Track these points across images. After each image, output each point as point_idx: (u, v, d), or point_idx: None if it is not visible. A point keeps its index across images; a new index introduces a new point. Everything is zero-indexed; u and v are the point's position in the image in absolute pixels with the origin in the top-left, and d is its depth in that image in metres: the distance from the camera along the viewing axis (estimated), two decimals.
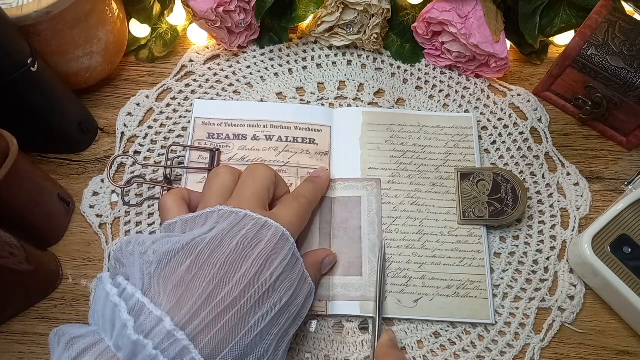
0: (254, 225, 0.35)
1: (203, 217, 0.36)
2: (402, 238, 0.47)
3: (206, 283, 0.31)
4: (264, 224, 0.35)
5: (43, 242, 0.46)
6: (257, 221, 0.35)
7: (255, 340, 0.32)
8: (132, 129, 0.52)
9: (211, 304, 0.31)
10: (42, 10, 0.41)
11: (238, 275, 0.32)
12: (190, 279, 0.32)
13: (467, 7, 0.51)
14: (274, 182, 0.41)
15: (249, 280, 0.33)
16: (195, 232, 0.35)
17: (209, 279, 0.32)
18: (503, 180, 0.48)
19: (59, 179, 0.49)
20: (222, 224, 0.35)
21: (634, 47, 0.47)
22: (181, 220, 0.37)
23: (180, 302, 0.31)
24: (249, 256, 0.33)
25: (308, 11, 0.52)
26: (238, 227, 0.35)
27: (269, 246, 0.34)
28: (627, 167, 0.52)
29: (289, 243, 0.36)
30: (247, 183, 0.39)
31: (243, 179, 0.40)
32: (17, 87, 0.41)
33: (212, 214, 0.36)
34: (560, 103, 0.54)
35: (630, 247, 0.43)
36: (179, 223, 0.37)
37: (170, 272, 0.32)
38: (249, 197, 0.38)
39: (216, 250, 0.33)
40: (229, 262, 0.33)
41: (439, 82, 0.56)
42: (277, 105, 0.53)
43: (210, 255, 0.33)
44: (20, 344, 0.43)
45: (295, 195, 0.42)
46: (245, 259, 0.33)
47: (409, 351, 0.43)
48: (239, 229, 0.34)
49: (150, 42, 0.55)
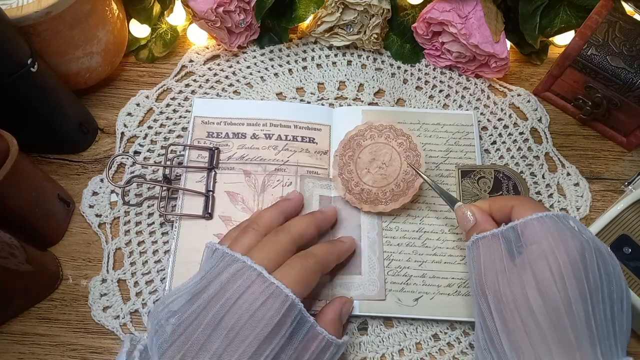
0: (262, 293, 0.34)
1: (225, 262, 0.36)
2: (402, 236, 0.46)
3: None
4: (273, 291, 0.34)
5: (43, 242, 0.46)
6: (266, 288, 0.34)
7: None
8: (132, 129, 0.52)
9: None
10: (42, 11, 0.41)
11: (240, 350, 0.33)
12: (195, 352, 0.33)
13: (467, 7, 0.51)
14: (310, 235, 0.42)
15: (253, 353, 0.33)
16: (205, 294, 0.35)
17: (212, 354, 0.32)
18: (504, 177, 0.48)
19: (59, 179, 0.49)
20: (233, 283, 0.34)
21: (634, 47, 0.47)
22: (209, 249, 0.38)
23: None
24: (253, 330, 0.33)
25: (308, 11, 0.52)
26: (247, 293, 0.34)
27: (275, 318, 0.34)
28: (627, 167, 0.52)
29: (295, 310, 0.35)
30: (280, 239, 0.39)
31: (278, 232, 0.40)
32: (17, 88, 0.41)
33: (229, 267, 0.36)
34: (560, 103, 0.54)
35: (630, 247, 0.43)
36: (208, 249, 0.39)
37: (179, 348, 0.33)
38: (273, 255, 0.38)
39: (220, 324, 0.33)
40: (231, 337, 0.33)
41: (439, 82, 0.56)
42: (277, 104, 0.53)
43: (214, 331, 0.33)
44: (20, 344, 0.43)
45: (305, 255, 0.39)
46: (250, 332, 0.33)
47: (407, 353, 0.43)
48: (247, 297, 0.34)
49: (150, 42, 0.55)
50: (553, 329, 0.32)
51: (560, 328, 0.32)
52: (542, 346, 0.33)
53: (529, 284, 0.34)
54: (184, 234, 0.45)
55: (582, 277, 0.33)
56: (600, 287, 0.33)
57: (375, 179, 0.46)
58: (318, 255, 0.40)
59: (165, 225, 0.47)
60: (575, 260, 0.33)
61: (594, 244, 0.35)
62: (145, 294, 0.44)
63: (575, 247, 0.34)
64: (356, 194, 0.46)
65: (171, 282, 0.43)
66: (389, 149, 0.47)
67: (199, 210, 0.46)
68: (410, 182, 0.45)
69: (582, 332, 0.32)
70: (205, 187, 0.47)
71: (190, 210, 0.46)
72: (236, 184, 0.48)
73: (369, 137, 0.48)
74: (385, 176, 0.46)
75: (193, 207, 0.46)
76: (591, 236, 0.35)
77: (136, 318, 0.44)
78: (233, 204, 0.47)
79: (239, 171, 0.48)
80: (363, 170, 0.47)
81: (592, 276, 0.33)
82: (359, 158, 0.47)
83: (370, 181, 0.46)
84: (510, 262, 0.35)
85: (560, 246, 0.34)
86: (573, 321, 0.32)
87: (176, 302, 0.35)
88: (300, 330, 0.35)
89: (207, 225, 0.46)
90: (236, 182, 0.48)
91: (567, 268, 0.33)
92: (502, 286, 0.35)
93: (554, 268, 0.33)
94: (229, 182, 0.48)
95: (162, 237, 0.47)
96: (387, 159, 0.46)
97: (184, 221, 0.46)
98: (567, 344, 0.32)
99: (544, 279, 0.33)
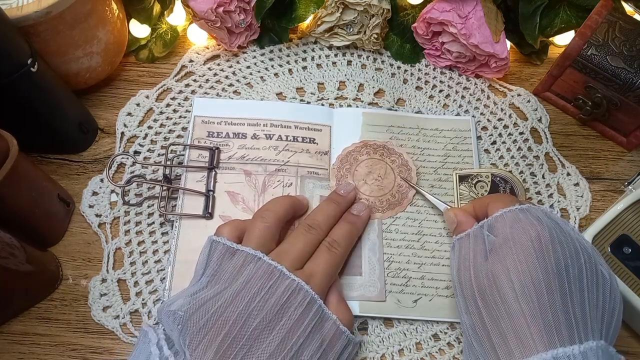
0: (285, 291, 0.36)
1: (241, 257, 0.38)
2: (401, 238, 0.47)
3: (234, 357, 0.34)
4: (295, 287, 0.37)
5: (43, 242, 0.46)
6: (289, 284, 0.36)
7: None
8: (132, 129, 0.52)
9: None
10: (42, 11, 0.41)
11: (263, 346, 0.34)
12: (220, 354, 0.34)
13: (467, 7, 0.51)
14: None
15: (273, 351, 0.34)
16: (228, 292, 0.36)
17: (234, 355, 0.34)
18: (501, 181, 0.48)
19: (59, 179, 0.49)
20: (253, 283, 0.36)
21: (634, 47, 0.47)
22: (223, 246, 0.39)
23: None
24: (274, 327, 0.35)
25: (308, 11, 0.52)
26: (270, 291, 0.36)
27: (295, 314, 0.36)
28: (627, 167, 0.52)
29: (315, 305, 0.37)
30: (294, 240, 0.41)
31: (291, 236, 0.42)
32: (17, 88, 0.41)
33: (248, 264, 0.38)
34: (560, 103, 0.54)
35: (630, 247, 0.43)
36: (220, 247, 0.39)
37: (201, 353, 0.33)
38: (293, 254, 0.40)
39: (245, 324, 0.34)
40: (254, 336, 0.34)
41: (439, 82, 0.56)
42: (277, 104, 0.53)
43: (241, 328, 0.34)
44: (20, 344, 0.43)
45: (332, 244, 0.42)
46: (271, 330, 0.35)
47: (407, 353, 0.43)
48: (270, 294, 0.36)
49: (150, 42, 0.55)
50: (521, 312, 0.33)
51: (528, 311, 0.33)
52: (516, 331, 0.33)
53: (496, 273, 0.35)
54: (184, 233, 0.45)
55: (541, 262, 0.34)
56: (565, 272, 0.34)
57: (372, 189, 0.48)
58: (343, 244, 0.42)
59: (165, 225, 0.47)
60: (532, 247, 0.34)
61: (556, 231, 0.36)
62: (145, 294, 0.44)
63: (534, 234, 0.35)
64: None
65: (171, 281, 0.43)
66: (383, 164, 0.49)
67: (199, 210, 0.46)
68: (404, 193, 0.48)
69: (546, 314, 0.33)
70: (206, 187, 0.47)
71: (190, 210, 0.46)
72: (237, 184, 0.48)
73: (365, 153, 0.50)
74: (381, 187, 0.48)
75: (193, 206, 0.46)
76: (557, 226, 0.37)
77: (136, 318, 0.44)
78: (233, 204, 0.47)
79: (239, 171, 0.48)
80: (360, 182, 0.48)
81: (554, 261, 0.34)
82: (356, 171, 0.49)
83: (368, 191, 0.48)
84: (482, 257, 0.37)
85: (521, 235, 0.35)
86: (532, 305, 0.33)
87: (201, 296, 0.36)
88: (324, 327, 0.37)
89: (207, 225, 0.46)
90: (237, 182, 0.48)
91: (527, 254, 0.34)
92: (477, 279, 0.36)
93: (516, 255, 0.35)
94: (230, 182, 0.48)
95: (162, 237, 0.47)
96: (383, 173, 0.49)
97: (184, 221, 0.46)
98: (536, 328, 0.32)
99: (508, 267, 0.34)
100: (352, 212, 0.46)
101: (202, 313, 0.35)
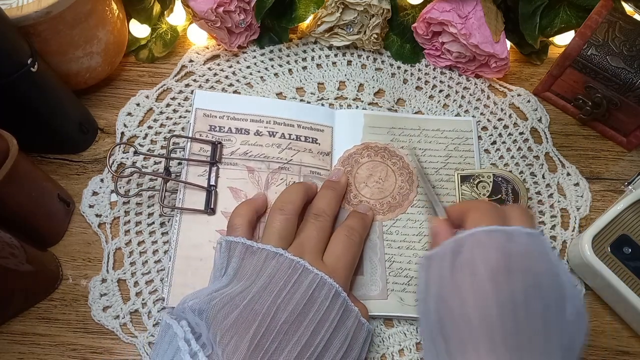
0: (310, 285, 0.37)
1: (262, 255, 0.39)
2: (402, 239, 0.47)
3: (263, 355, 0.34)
4: (319, 281, 0.37)
5: (43, 242, 0.46)
6: (313, 278, 0.37)
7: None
8: (132, 129, 0.52)
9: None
10: (42, 11, 0.41)
11: (293, 340, 0.35)
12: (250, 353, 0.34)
13: (467, 7, 0.51)
14: None
15: (303, 345, 0.35)
16: (255, 287, 0.37)
17: (266, 349, 0.34)
18: (503, 181, 0.48)
19: (59, 179, 0.49)
20: (278, 278, 0.37)
21: (634, 47, 0.47)
22: (243, 245, 0.39)
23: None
24: (303, 321, 0.36)
25: (308, 11, 0.52)
26: (295, 285, 0.37)
27: (322, 307, 0.36)
28: (627, 167, 0.52)
29: (340, 298, 0.37)
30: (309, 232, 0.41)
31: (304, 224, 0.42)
32: (17, 88, 0.41)
33: (270, 260, 0.38)
34: (560, 103, 0.54)
35: (630, 247, 0.43)
36: (240, 247, 0.39)
37: (234, 347, 0.34)
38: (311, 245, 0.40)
39: (274, 318, 0.35)
40: (284, 330, 0.35)
41: (439, 83, 0.56)
42: (279, 102, 0.53)
43: (270, 322, 0.35)
44: (20, 344, 0.43)
45: (349, 231, 0.43)
46: (300, 324, 0.35)
47: (407, 353, 0.43)
48: (295, 289, 0.37)
49: (150, 42, 0.55)
50: (472, 334, 0.31)
51: (480, 333, 0.31)
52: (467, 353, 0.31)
53: (457, 293, 0.33)
54: (184, 229, 0.45)
55: (496, 286, 0.32)
56: (525, 298, 0.31)
57: (372, 192, 0.48)
58: (360, 232, 0.44)
59: (165, 225, 0.47)
60: (491, 270, 0.32)
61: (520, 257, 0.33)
62: (145, 294, 0.44)
63: (492, 259, 0.33)
64: (355, 204, 0.47)
65: (171, 277, 0.43)
66: (384, 167, 0.49)
67: (201, 205, 0.46)
68: (405, 195, 0.48)
69: (499, 337, 0.31)
70: (208, 182, 0.47)
71: (191, 205, 0.46)
72: (239, 180, 0.48)
73: (366, 155, 0.50)
74: (382, 190, 0.48)
75: (194, 202, 0.46)
76: (523, 249, 0.34)
77: (136, 318, 0.44)
78: (236, 201, 0.47)
79: (242, 167, 0.48)
80: (361, 184, 0.48)
81: (508, 295, 0.31)
82: (357, 173, 0.49)
83: (368, 194, 0.48)
84: (448, 275, 0.34)
85: (479, 258, 0.33)
86: (487, 327, 0.31)
87: (227, 292, 0.37)
88: (349, 319, 0.38)
89: (209, 220, 0.46)
90: (239, 179, 0.48)
91: (484, 276, 0.32)
92: (439, 301, 0.34)
93: (471, 285, 0.32)
94: (232, 178, 0.48)
95: (162, 237, 0.47)
96: (384, 175, 0.49)
97: (185, 216, 0.46)
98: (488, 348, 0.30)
99: (463, 297, 0.32)
100: (360, 210, 0.47)
101: (230, 308, 0.35)
